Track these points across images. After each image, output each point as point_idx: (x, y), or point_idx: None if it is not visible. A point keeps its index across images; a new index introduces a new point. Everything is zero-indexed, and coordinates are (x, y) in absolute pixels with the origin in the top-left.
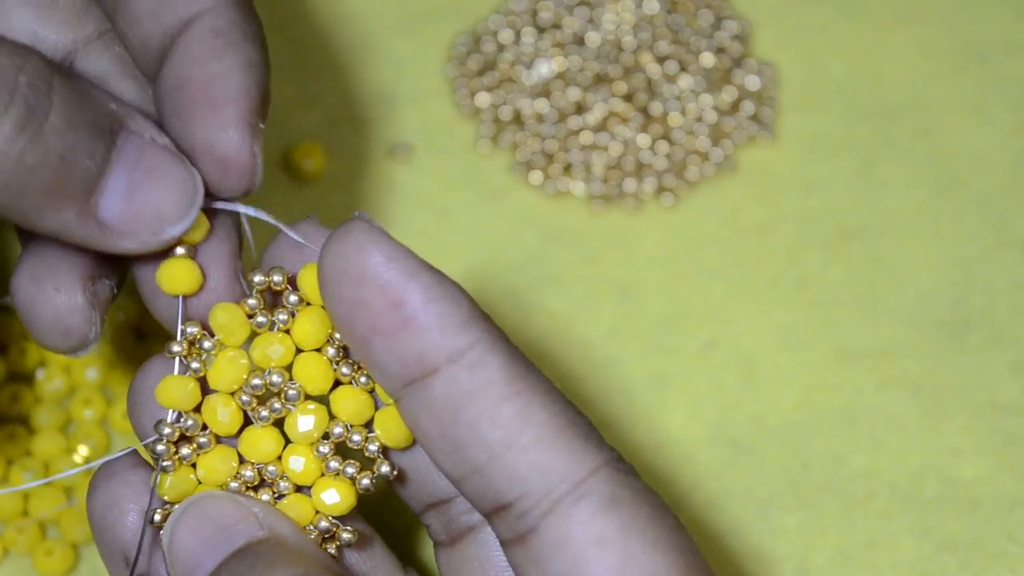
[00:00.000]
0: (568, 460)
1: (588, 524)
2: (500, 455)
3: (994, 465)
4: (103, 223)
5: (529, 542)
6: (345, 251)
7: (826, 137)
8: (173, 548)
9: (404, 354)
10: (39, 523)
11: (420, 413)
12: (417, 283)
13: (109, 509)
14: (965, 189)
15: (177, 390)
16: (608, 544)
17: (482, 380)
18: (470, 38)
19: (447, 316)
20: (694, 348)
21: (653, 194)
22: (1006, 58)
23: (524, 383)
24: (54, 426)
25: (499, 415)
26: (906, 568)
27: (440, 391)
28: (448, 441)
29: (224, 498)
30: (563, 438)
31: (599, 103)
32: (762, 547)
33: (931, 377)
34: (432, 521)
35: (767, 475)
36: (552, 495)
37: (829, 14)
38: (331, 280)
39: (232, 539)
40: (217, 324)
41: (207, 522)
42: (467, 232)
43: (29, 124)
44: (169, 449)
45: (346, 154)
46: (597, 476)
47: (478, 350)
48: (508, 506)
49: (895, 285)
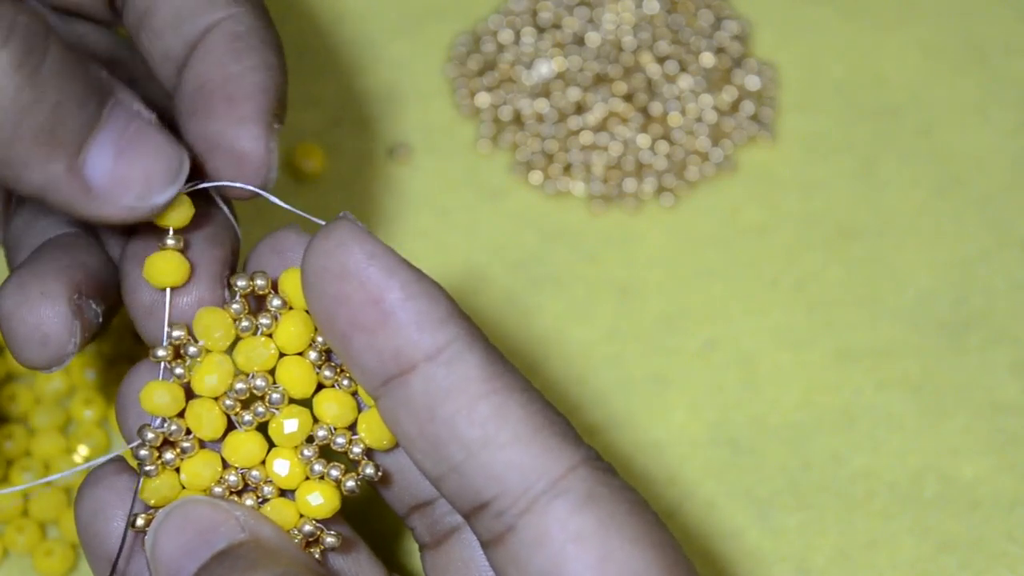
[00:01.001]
0: (545, 458)
1: (566, 521)
2: (477, 453)
3: (994, 465)
4: (88, 183)
5: (507, 542)
6: (327, 248)
7: (826, 137)
8: (156, 552)
9: (383, 350)
10: (39, 523)
11: (399, 411)
12: (396, 280)
13: (95, 516)
14: (965, 189)
15: (161, 395)
16: (587, 540)
17: (459, 377)
18: (470, 38)
19: (425, 313)
20: (694, 348)
21: (653, 194)
22: (1006, 58)
23: (501, 381)
24: (54, 426)
25: (476, 412)
26: (906, 568)
27: (418, 388)
28: (426, 439)
29: (206, 503)
30: (540, 436)
31: (599, 103)
32: (762, 547)
33: (931, 377)
34: (417, 524)
35: (767, 475)
36: (529, 493)
37: (829, 14)
38: (313, 276)
39: (213, 543)
40: (201, 328)
41: (189, 526)
42: (467, 232)
43: (27, 62)
44: (152, 454)
45: (346, 154)
46: (575, 473)
47: (455, 347)
48: (486, 505)
49: (895, 285)
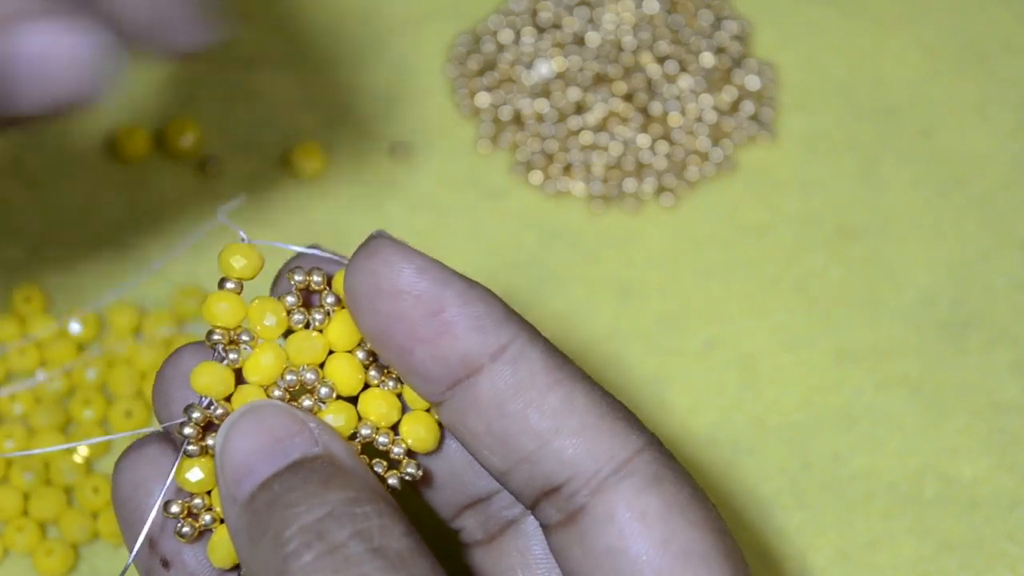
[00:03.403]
0: (613, 442)
1: (633, 500)
2: (549, 441)
3: (994, 465)
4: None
5: (577, 520)
6: (375, 268)
7: (826, 137)
8: (226, 451)
9: (448, 358)
10: (39, 523)
11: (466, 412)
12: (451, 290)
13: (136, 489)
14: (965, 189)
15: (212, 376)
16: (652, 520)
17: (526, 372)
18: (470, 38)
19: (485, 317)
20: (694, 348)
21: (653, 194)
22: (1006, 58)
23: (564, 372)
24: (54, 426)
25: (546, 404)
26: (906, 568)
27: (485, 388)
28: (495, 435)
29: (281, 408)
30: (606, 422)
31: (599, 103)
32: (762, 547)
33: (931, 377)
34: (468, 522)
35: (767, 475)
36: (600, 475)
37: (829, 14)
38: (364, 297)
39: (288, 452)
40: (256, 315)
41: (264, 430)
42: (467, 232)
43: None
44: (196, 433)
45: (346, 154)
46: (640, 457)
47: (517, 345)
48: (558, 489)
49: (895, 285)
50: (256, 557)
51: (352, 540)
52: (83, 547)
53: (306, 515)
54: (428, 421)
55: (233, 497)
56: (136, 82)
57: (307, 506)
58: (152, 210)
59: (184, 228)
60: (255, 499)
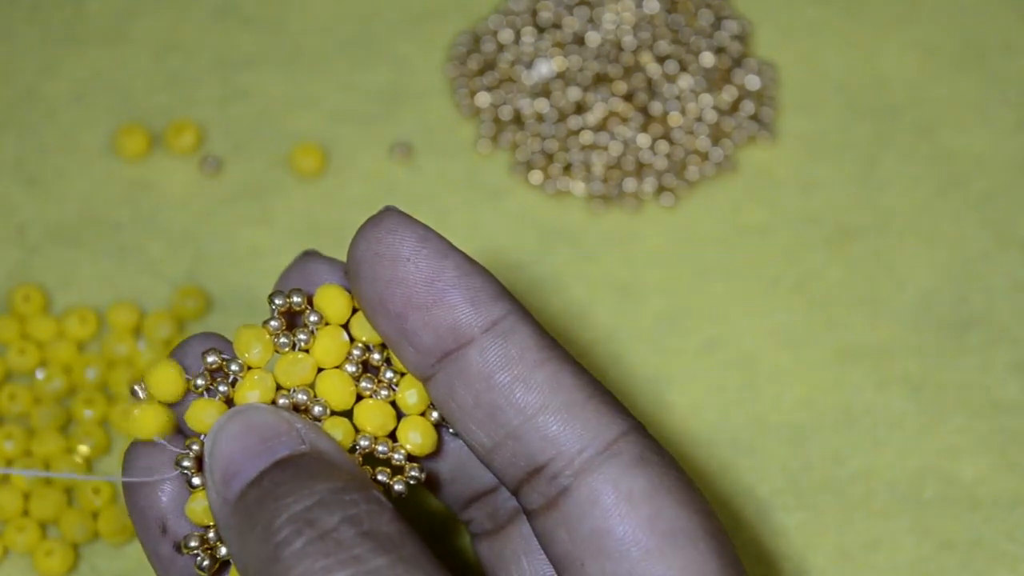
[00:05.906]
0: (599, 423)
1: (618, 481)
2: (534, 417)
3: (994, 465)
4: None
5: (560, 504)
6: (379, 235)
7: (826, 137)
8: (215, 453)
9: (439, 326)
10: (39, 523)
11: (455, 383)
12: (451, 261)
13: (146, 475)
14: (965, 189)
15: (207, 414)
16: (637, 500)
17: (516, 347)
18: (470, 38)
19: (480, 290)
20: (694, 348)
21: (653, 194)
22: (1006, 58)
23: (553, 352)
24: (54, 426)
25: (533, 379)
26: (906, 568)
27: (475, 359)
28: (483, 408)
29: (268, 410)
30: (592, 403)
31: (599, 103)
32: (762, 547)
33: (931, 377)
34: (476, 513)
35: (767, 475)
36: (584, 454)
37: (829, 14)
38: (365, 262)
39: (275, 450)
40: (240, 345)
41: (251, 431)
42: (467, 232)
43: None
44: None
45: (346, 154)
46: (626, 439)
47: (510, 321)
48: (541, 469)
49: (895, 285)
50: (247, 550)
51: (342, 525)
52: (83, 547)
53: (295, 505)
54: (423, 424)
55: (223, 498)
56: (136, 82)
57: (296, 497)
58: (152, 210)
59: (184, 228)
60: (244, 497)
